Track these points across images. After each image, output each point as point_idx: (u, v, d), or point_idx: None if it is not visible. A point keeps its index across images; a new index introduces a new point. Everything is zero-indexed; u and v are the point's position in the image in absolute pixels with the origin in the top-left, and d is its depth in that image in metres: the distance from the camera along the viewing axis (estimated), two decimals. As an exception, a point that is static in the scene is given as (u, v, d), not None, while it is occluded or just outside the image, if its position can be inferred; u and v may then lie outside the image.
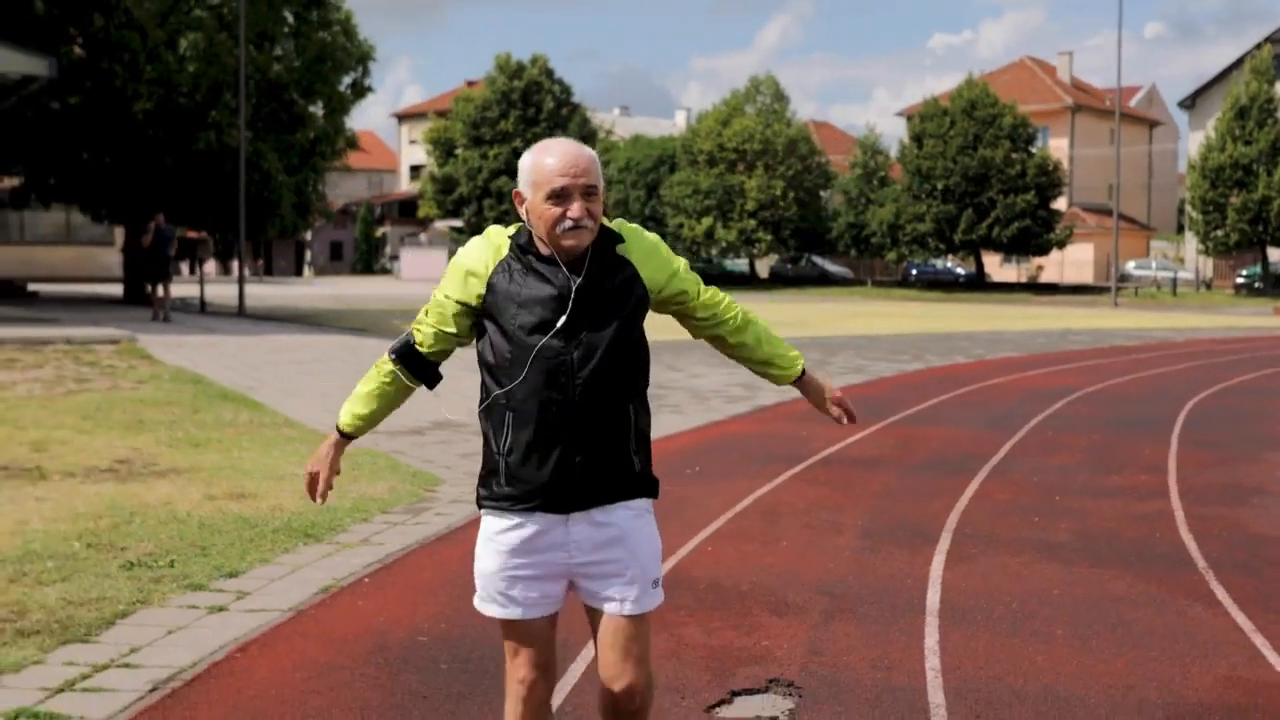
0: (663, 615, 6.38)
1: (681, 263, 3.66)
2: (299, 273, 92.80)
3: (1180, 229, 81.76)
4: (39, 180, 37.54)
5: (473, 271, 3.48)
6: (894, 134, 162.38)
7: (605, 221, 3.52)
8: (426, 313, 3.57)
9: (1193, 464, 11.40)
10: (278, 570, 7.14)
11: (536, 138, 78.47)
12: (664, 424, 13.40)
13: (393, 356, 3.60)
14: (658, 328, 3.96)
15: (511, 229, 3.55)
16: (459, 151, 77.88)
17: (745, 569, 7.28)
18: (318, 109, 39.16)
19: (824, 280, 73.27)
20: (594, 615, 3.54)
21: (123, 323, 25.81)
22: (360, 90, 39.93)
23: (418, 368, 3.60)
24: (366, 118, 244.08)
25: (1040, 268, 76.42)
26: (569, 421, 3.37)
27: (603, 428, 3.40)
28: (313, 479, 3.70)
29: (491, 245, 3.51)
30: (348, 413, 3.70)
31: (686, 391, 16.81)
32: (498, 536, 3.48)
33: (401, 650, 5.75)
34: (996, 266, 76.13)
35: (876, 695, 5.22)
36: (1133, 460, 11.56)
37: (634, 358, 3.49)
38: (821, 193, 72.65)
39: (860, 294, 64.52)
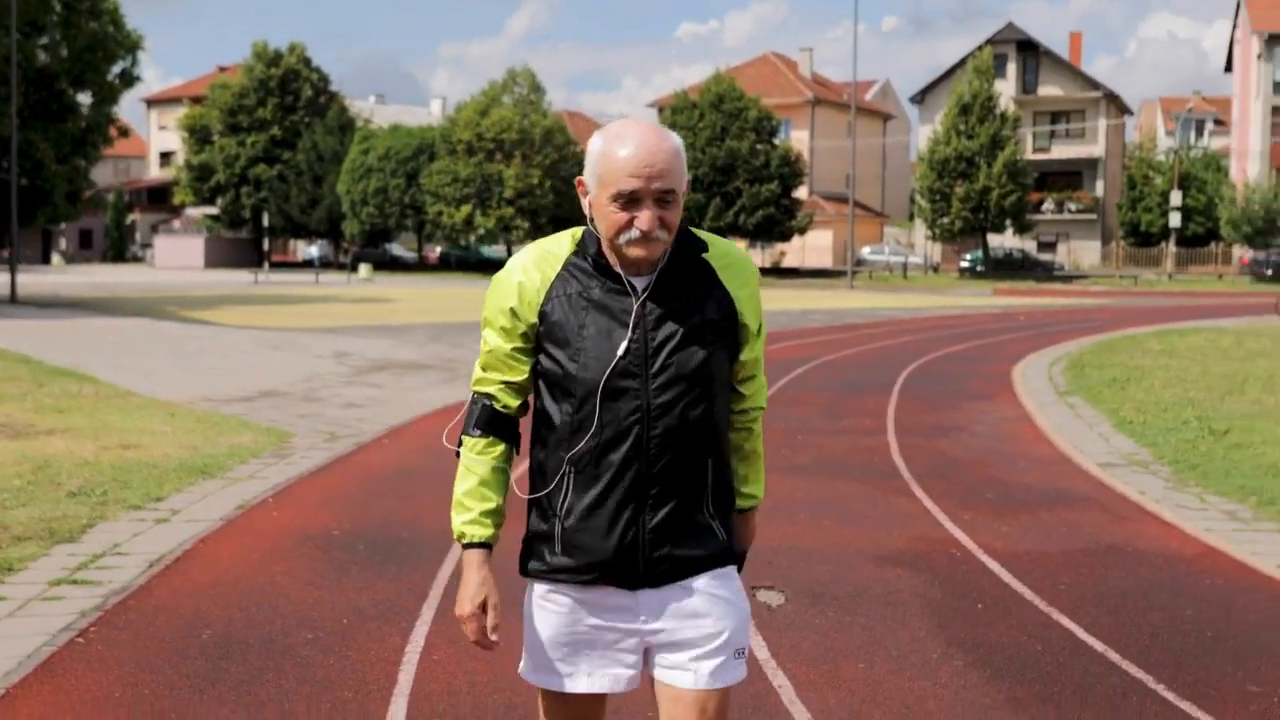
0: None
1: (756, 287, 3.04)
2: (46, 261, 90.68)
3: (912, 216, 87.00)
4: None
5: (516, 308, 2.87)
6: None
7: (696, 232, 2.95)
8: (484, 368, 2.96)
9: (907, 411, 14.00)
10: (193, 496, 8.92)
11: (294, 126, 79.08)
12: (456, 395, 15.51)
13: (479, 433, 2.94)
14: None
15: (574, 235, 2.95)
16: (215, 139, 77.60)
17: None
18: (87, 98, 39.58)
19: (580, 266, 75.62)
20: (662, 685, 2.95)
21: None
22: (129, 80, 40.51)
23: (510, 429, 2.97)
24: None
25: (783, 253, 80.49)
26: (639, 481, 2.81)
27: (677, 488, 2.84)
28: (475, 619, 2.90)
29: (541, 266, 2.90)
30: (471, 519, 2.92)
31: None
32: (550, 601, 2.92)
33: (323, 540, 7.67)
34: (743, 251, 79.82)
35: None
36: (859, 410, 14.10)
37: (720, 396, 2.92)
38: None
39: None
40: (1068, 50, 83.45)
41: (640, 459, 2.80)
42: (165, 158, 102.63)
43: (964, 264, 69.57)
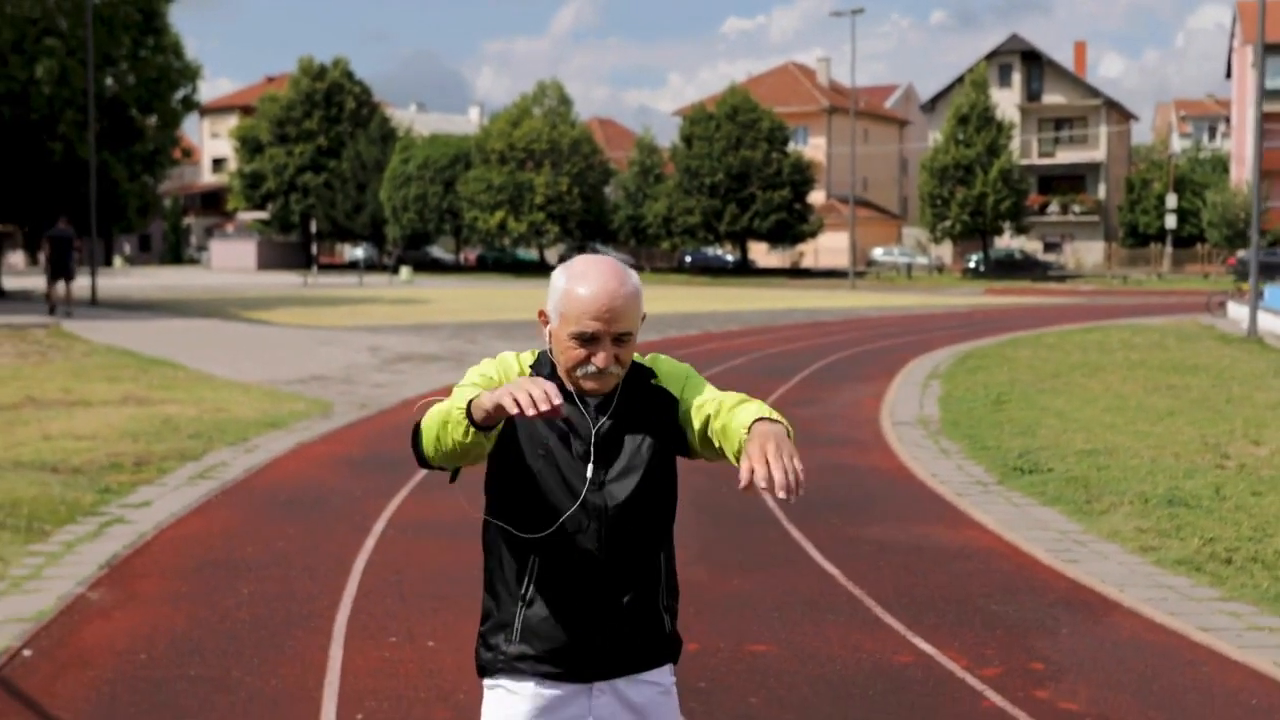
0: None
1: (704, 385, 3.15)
2: (108, 263, 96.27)
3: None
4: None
5: (509, 374, 3.03)
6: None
7: (638, 358, 3.13)
8: (461, 386, 2.99)
9: (796, 389, 18.60)
10: (267, 439, 13.65)
11: (339, 136, 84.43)
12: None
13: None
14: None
15: (529, 356, 3.12)
16: (265, 148, 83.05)
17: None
18: (154, 122, 44.72)
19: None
20: None
21: (16, 314, 31.30)
22: (190, 105, 45.60)
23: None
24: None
25: (801, 254, 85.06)
26: (598, 574, 3.00)
27: (633, 582, 3.03)
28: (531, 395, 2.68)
29: (512, 369, 3.06)
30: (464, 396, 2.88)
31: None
32: (505, 703, 3.03)
33: (349, 460, 12.38)
34: (764, 253, 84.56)
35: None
36: (756, 390, 18.68)
37: (666, 500, 3.11)
38: (604, 188, 79.95)
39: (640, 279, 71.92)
40: (1073, 60, 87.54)
41: (598, 556, 2.98)
42: (217, 164, 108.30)
43: (969, 265, 73.90)
